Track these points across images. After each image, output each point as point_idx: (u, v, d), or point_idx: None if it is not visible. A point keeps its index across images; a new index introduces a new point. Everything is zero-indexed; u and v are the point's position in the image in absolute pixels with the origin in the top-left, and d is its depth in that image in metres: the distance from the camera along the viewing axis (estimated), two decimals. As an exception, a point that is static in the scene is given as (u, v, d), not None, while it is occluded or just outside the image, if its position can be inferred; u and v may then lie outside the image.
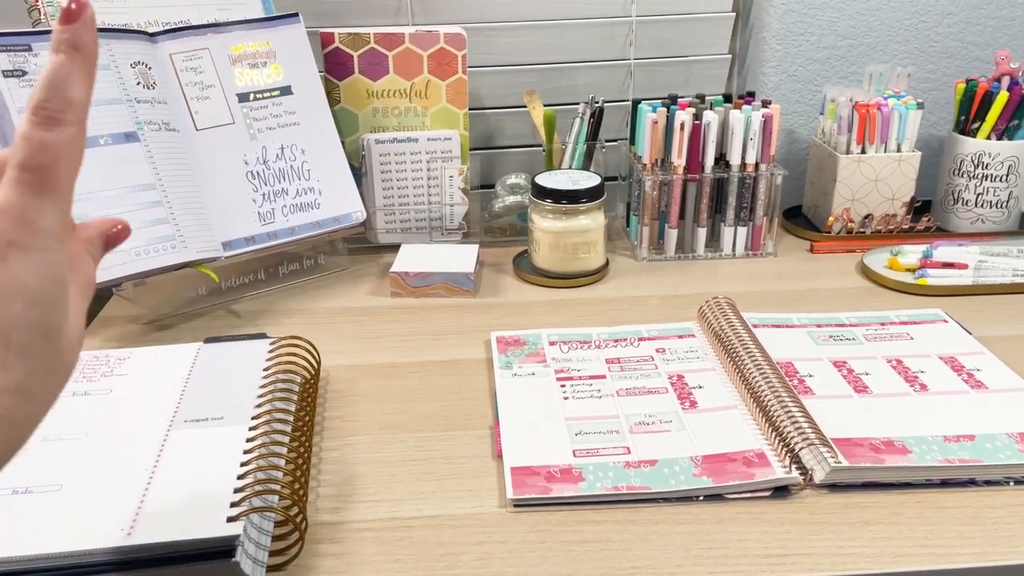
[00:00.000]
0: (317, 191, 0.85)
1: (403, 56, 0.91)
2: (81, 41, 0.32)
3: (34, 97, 0.31)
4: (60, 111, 0.31)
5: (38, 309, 0.31)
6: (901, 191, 0.94)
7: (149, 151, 0.75)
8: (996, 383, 0.65)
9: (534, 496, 0.53)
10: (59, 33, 0.32)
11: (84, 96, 0.32)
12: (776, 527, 0.51)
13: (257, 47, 0.83)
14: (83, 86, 0.32)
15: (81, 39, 0.32)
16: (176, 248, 0.74)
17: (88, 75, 0.33)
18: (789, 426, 0.57)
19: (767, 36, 1.02)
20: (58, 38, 0.32)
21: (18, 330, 0.30)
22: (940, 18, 1.03)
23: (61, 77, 0.32)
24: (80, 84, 0.32)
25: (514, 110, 1.03)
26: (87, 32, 0.32)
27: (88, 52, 0.32)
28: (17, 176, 0.31)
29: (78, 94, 0.32)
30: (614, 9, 1.02)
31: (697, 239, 0.93)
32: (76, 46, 0.32)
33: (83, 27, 0.32)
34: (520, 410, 0.63)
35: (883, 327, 0.74)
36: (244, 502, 0.47)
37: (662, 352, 0.71)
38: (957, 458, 0.55)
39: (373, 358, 0.72)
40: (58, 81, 0.32)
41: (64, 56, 0.32)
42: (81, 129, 0.32)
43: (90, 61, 0.33)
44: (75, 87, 0.32)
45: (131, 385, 0.61)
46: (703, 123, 0.88)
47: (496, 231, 0.99)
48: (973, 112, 0.94)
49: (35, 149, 0.31)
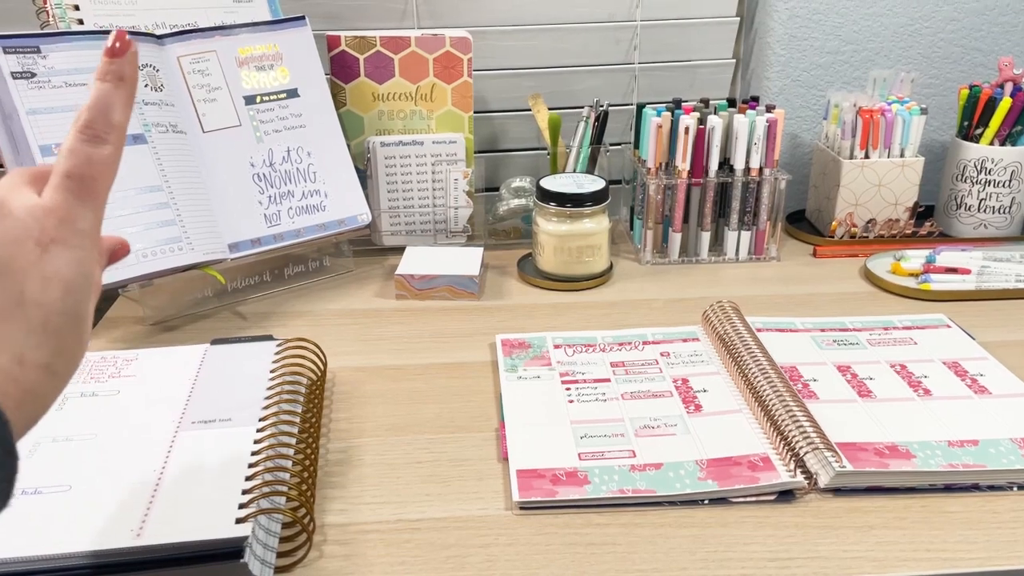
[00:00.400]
0: (323, 193, 0.85)
1: (409, 59, 0.91)
2: (125, 73, 0.38)
3: (82, 117, 0.36)
4: (105, 132, 0.36)
5: (73, 297, 0.34)
6: (904, 196, 0.95)
7: (156, 153, 0.75)
8: (999, 388, 0.65)
9: (540, 499, 0.53)
10: (106, 64, 0.37)
11: (124, 120, 0.37)
12: (781, 531, 0.51)
13: (264, 50, 0.84)
14: (124, 112, 0.37)
15: (125, 72, 0.37)
16: (183, 250, 0.74)
17: (129, 102, 0.38)
18: (794, 430, 0.57)
19: (771, 41, 1.02)
20: (105, 68, 0.37)
21: (55, 314, 0.34)
22: (943, 24, 1.03)
23: (107, 103, 0.37)
24: (122, 110, 0.37)
25: (519, 113, 1.03)
26: (130, 66, 0.38)
27: (130, 83, 0.38)
28: (63, 183, 0.35)
29: (119, 118, 0.37)
30: (619, 14, 1.02)
31: (701, 243, 0.93)
32: (121, 77, 0.37)
33: (127, 61, 0.38)
34: (525, 413, 0.63)
35: (887, 332, 0.74)
36: (252, 503, 0.48)
37: (667, 356, 0.71)
38: (961, 463, 0.56)
39: (379, 360, 0.73)
40: (104, 106, 0.37)
41: (109, 85, 0.37)
42: (119, 148, 0.37)
43: (131, 90, 0.38)
44: (117, 112, 0.37)
45: (139, 386, 0.62)
46: (707, 127, 0.88)
47: (501, 234, 0.99)
48: (976, 118, 0.94)
49: (81, 161, 0.36)
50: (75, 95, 0.72)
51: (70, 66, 0.72)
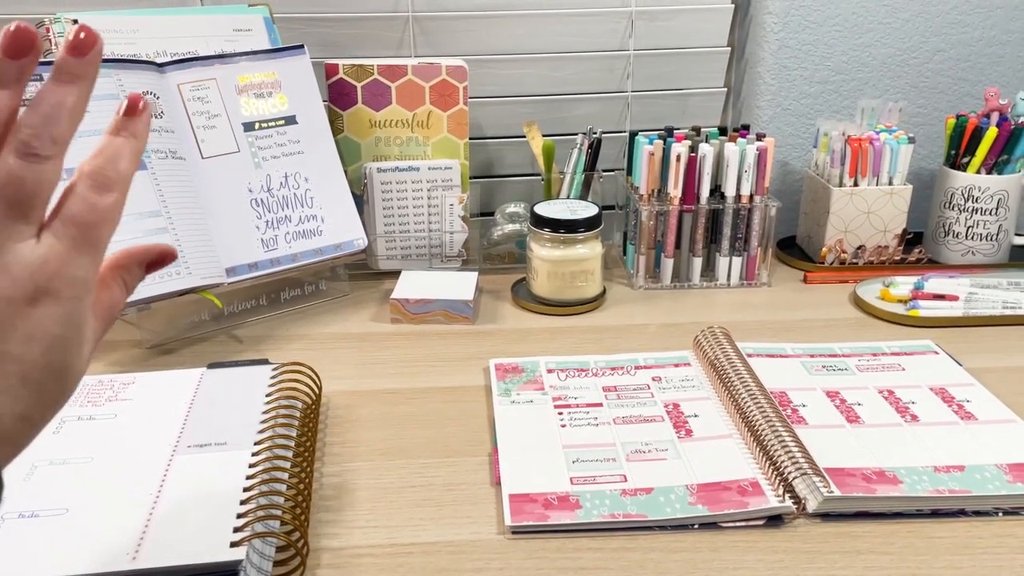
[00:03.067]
0: (320, 218, 0.86)
1: (406, 87, 0.93)
2: (139, 131, 0.37)
3: (89, 164, 0.36)
4: (112, 180, 0.36)
5: (56, 353, 0.34)
6: (893, 223, 0.96)
7: (156, 178, 0.76)
8: (986, 414, 0.66)
9: (532, 523, 0.54)
10: (122, 121, 0.37)
11: (132, 171, 0.37)
12: (769, 555, 0.52)
13: (263, 77, 0.85)
14: (133, 163, 0.37)
15: (139, 130, 0.37)
16: (180, 274, 0.75)
17: (138, 156, 0.37)
18: (783, 455, 0.58)
19: (761, 71, 1.04)
20: (120, 125, 0.37)
21: (35, 369, 0.34)
22: (931, 55, 1.05)
23: (116, 152, 0.36)
24: (130, 160, 0.37)
25: (514, 140, 1.05)
26: (144, 125, 0.37)
27: (142, 139, 0.37)
28: (64, 230, 0.34)
29: (127, 168, 0.37)
30: (613, 43, 1.04)
31: (693, 268, 0.94)
32: (135, 135, 0.37)
33: (141, 120, 0.37)
34: (518, 437, 0.64)
35: (875, 358, 0.75)
36: (247, 527, 0.48)
37: (658, 380, 0.72)
38: (947, 489, 0.56)
39: (373, 384, 0.73)
40: (113, 155, 0.36)
41: (122, 140, 0.37)
42: (124, 197, 0.37)
43: (141, 146, 0.37)
44: (125, 162, 0.36)
45: (136, 410, 0.62)
46: (699, 155, 0.90)
47: (495, 259, 1.00)
48: (963, 147, 0.96)
49: (85, 208, 0.35)
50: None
51: (72, 93, 0.73)
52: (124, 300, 0.41)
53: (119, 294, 0.41)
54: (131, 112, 0.37)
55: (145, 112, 0.37)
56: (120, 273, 0.41)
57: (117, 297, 0.41)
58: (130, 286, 0.42)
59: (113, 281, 0.41)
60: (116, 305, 0.40)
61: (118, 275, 0.41)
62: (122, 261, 0.42)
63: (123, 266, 0.42)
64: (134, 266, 0.42)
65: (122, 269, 0.41)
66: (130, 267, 0.42)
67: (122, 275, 0.41)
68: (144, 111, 0.37)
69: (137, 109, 0.37)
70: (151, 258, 0.43)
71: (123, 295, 0.41)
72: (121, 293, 0.41)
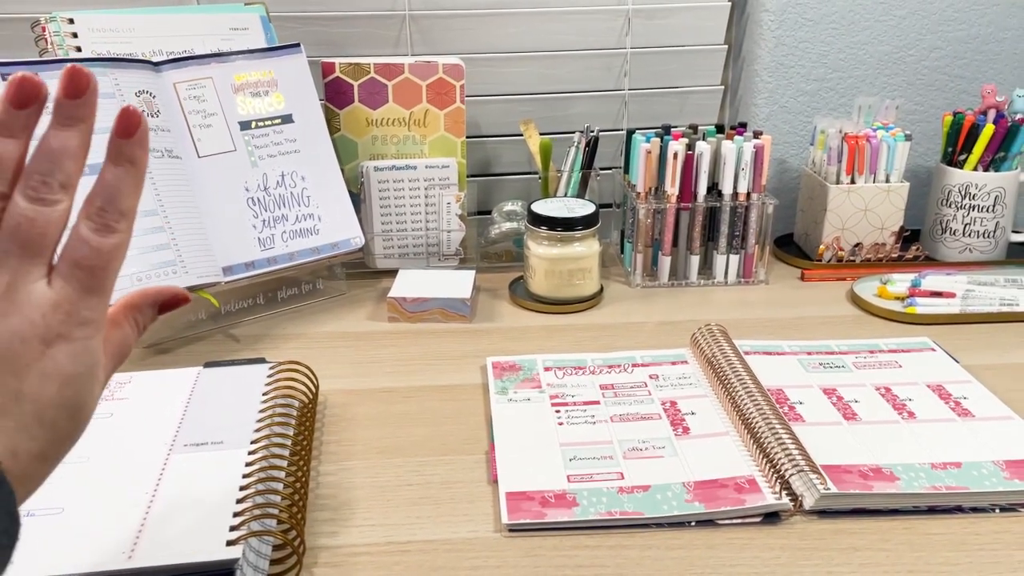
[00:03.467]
0: (316, 217, 0.86)
1: (402, 86, 0.93)
2: (136, 156, 0.35)
3: (92, 204, 0.35)
4: (115, 220, 0.35)
5: (71, 389, 0.35)
6: (890, 221, 0.96)
7: (152, 177, 0.76)
8: (982, 411, 0.66)
9: (529, 521, 0.54)
10: (116, 145, 0.35)
11: (134, 205, 0.36)
12: (766, 552, 0.52)
13: (259, 76, 0.85)
14: (134, 197, 0.36)
15: (136, 155, 0.35)
16: (177, 273, 0.75)
17: (139, 186, 0.36)
18: (779, 453, 0.58)
19: (758, 68, 1.04)
20: (116, 150, 0.35)
21: (50, 408, 0.34)
22: (927, 52, 1.05)
23: (118, 189, 0.35)
24: (132, 195, 0.35)
25: (511, 138, 1.05)
26: (141, 148, 0.35)
27: (141, 166, 0.35)
28: (71, 273, 0.34)
29: (129, 204, 0.35)
30: (610, 41, 1.04)
31: (690, 266, 0.94)
32: (132, 161, 0.35)
33: (139, 143, 0.35)
34: (515, 435, 0.64)
35: (872, 355, 0.75)
36: (243, 526, 0.48)
37: (655, 378, 0.72)
38: (944, 485, 0.56)
39: (370, 383, 0.73)
40: (115, 193, 0.35)
41: (121, 170, 0.35)
42: (129, 234, 0.36)
43: (141, 174, 0.36)
44: (127, 198, 0.35)
45: (132, 409, 0.62)
46: (696, 153, 0.90)
47: (492, 257, 1.00)
48: (960, 144, 0.96)
49: (90, 252, 0.34)
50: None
51: (68, 92, 0.73)
52: (135, 339, 0.41)
53: (130, 333, 0.41)
54: (125, 133, 0.35)
55: (140, 130, 0.35)
56: (132, 313, 0.41)
57: (128, 336, 0.41)
58: (141, 326, 0.42)
59: (125, 320, 0.41)
60: (126, 344, 0.41)
61: (130, 315, 0.41)
62: (135, 301, 0.42)
63: (136, 306, 0.42)
64: (146, 307, 0.42)
65: (135, 309, 0.42)
66: (142, 307, 0.42)
67: (134, 315, 0.41)
68: (139, 129, 0.35)
69: (132, 129, 0.35)
70: (164, 299, 0.43)
71: (134, 335, 0.41)
72: (132, 332, 0.41)
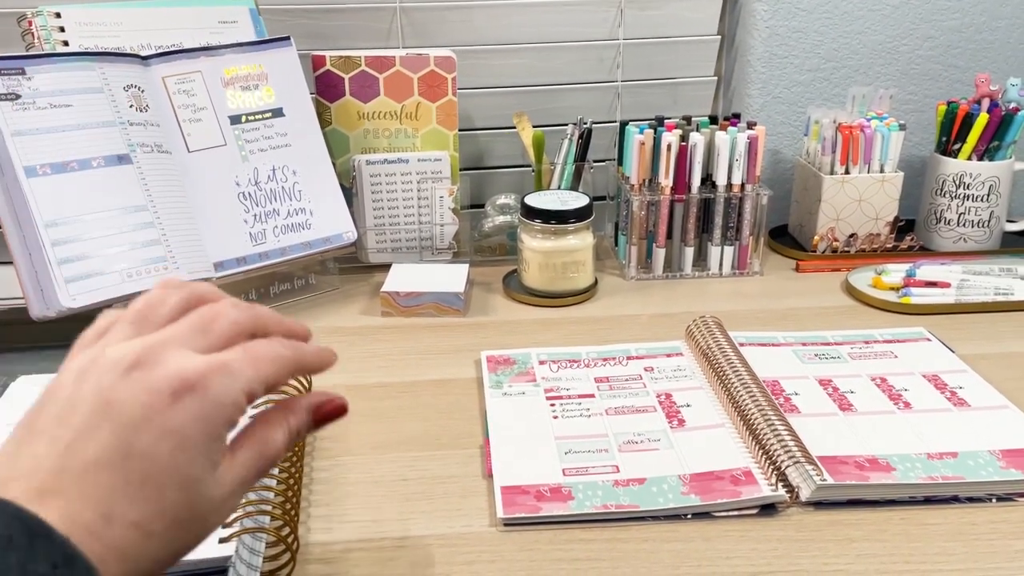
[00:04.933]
0: (308, 212, 0.85)
1: (394, 78, 0.92)
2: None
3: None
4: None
5: (184, 455, 0.32)
6: (884, 211, 0.96)
7: (141, 173, 0.75)
8: (978, 401, 0.66)
9: (524, 515, 0.54)
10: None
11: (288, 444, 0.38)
12: (763, 544, 0.52)
13: (249, 70, 0.84)
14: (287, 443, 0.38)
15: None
16: (168, 269, 0.74)
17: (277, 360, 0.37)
18: (775, 444, 0.58)
19: (752, 59, 1.04)
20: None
21: (160, 469, 0.31)
22: (921, 41, 1.05)
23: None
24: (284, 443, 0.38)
25: (504, 131, 1.04)
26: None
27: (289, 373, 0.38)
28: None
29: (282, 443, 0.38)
30: (602, 32, 1.03)
31: (684, 258, 0.94)
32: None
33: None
34: (510, 429, 0.63)
35: (867, 345, 0.75)
36: (236, 523, 0.48)
37: (650, 371, 0.71)
38: (940, 475, 0.56)
39: (364, 377, 0.73)
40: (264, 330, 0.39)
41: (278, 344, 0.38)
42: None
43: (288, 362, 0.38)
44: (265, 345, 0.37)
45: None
46: (690, 144, 0.89)
47: (486, 250, 1.00)
48: (954, 133, 0.96)
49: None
50: (59, 117, 0.72)
51: (55, 87, 0.72)
52: (282, 444, 0.38)
53: (279, 435, 0.37)
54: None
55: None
56: (287, 415, 0.38)
57: (275, 437, 0.37)
58: (293, 431, 0.38)
59: (276, 420, 0.38)
60: (269, 443, 0.37)
61: (285, 416, 0.38)
62: (292, 404, 0.39)
63: (291, 409, 0.39)
64: (303, 411, 0.39)
65: (289, 411, 0.39)
66: (298, 411, 0.39)
67: (288, 417, 0.38)
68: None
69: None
70: (326, 409, 0.40)
71: (284, 439, 0.38)
72: (282, 436, 0.38)
